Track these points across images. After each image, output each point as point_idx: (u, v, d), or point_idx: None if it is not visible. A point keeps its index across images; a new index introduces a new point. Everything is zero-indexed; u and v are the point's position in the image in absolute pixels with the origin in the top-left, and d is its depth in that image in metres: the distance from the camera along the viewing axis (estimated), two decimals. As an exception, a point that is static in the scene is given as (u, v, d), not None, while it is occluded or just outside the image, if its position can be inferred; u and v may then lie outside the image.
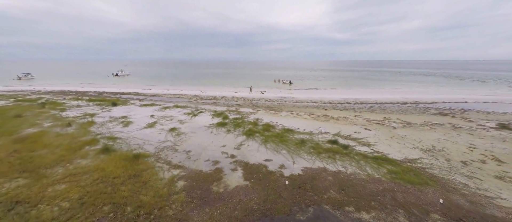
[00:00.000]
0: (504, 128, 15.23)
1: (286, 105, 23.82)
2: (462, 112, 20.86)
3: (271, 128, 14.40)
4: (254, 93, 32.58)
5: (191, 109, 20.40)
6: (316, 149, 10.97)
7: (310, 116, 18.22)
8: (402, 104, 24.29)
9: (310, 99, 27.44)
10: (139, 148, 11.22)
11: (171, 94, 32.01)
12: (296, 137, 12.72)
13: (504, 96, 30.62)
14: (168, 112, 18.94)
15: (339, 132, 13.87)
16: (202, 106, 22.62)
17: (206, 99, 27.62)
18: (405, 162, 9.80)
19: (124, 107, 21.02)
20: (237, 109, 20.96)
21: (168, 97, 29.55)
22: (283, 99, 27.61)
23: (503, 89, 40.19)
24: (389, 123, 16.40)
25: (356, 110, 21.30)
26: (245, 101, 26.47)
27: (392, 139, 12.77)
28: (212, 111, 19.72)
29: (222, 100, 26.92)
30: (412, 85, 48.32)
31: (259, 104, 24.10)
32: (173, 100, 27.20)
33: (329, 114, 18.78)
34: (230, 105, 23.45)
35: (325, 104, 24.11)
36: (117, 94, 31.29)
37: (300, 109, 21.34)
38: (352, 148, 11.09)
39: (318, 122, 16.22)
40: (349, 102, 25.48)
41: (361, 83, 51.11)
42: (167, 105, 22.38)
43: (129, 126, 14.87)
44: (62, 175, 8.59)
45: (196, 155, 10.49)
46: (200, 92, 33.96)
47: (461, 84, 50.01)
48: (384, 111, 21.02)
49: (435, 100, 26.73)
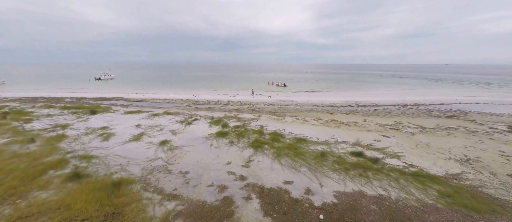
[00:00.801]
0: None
1: (288, 109, 21.95)
2: (464, 114, 20.19)
3: (280, 138, 12.35)
4: (259, 97, 30.38)
5: (184, 116, 17.84)
6: (341, 164, 9.06)
7: (318, 121, 16.43)
8: (404, 106, 23.37)
9: (311, 102, 25.81)
10: (121, 170, 8.67)
11: (160, 99, 28.97)
12: (312, 149, 10.77)
13: (493, 98, 31.05)
14: (157, 121, 16.27)
15: (357, 140, 12.12)
16: (196, 112, 20.09)
17: (200, 104, 25.05)
18: (450, 178, 8.16)
19: (105, 115, 17.96)
20: (236, 115, 18.70)
21: (156, 102, 26.57)
22: (282, 102, 25.74)
23: (481, 90, 41.40)
24: (403, 128, 15.01)
25: (362, 113, 19.90)
26: (243, 105, 24.27)
27: (418, 148, 11.22)
28: (208, 118, 17.31)
29: (218, 105, 24.50)
30: (400, 87, 48.81)
31: (258, 109, 22.01)
32: (163, 105, 24.34)
33: (337, 119, 17.12)
34: (227, 110, 21.12)
35: (328, 108, 22.56)
36: (98, 100, 27.72)
37: (304, 114, 19.54)
38: (382, 162, 9.31)
39: (330, 129, 14.44)
40: (351, 104, 24.17)
41: (353, 85, 50.80)
42: (156, 111, 19.59)
43: (110, 140, 12.11)
44: (6, 220, 5.92)
45: (196, 178, 8.16)
46: (193, 96, 31.20)
47: (442, 86, 51.34)
48: (390, 114, 19.79)
49: (432, 102, 26.23)
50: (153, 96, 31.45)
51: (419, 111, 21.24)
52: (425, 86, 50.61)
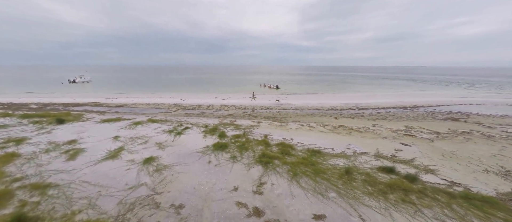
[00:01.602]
0: (531, 134, 13.86)
1: (288, 113, 20.25)
2: (466, 116, 19.84)
3: (290, 150, 10.50)
4: (252, 100, 28.33)
5: (173, 124, 15.40)
6: (373, 185, 7.39)
7: (325, 127, 14.85)
8: (405, 109, 22.74)
9: (310, 105, 24.38)
10: (88, 207, 6.28)
11: (143, 103, 25.94)
12: (331, 164, 9.03)
13: (483, 98, 31.87)
14: (140, 130, 13.69)
15: (377, 151, 10.63)
16: (187, 118, 17.67)
17: (190, 109, 22.54)
18: (506, 200, 6.80)
19: (75, 125, 14.97)
20: (232, 121, 16.59)
21: (139, 107, 23.60)
22: (280, 106, 24.03)
23: (465, 91, 43.04)
24: (417, 133, 13.90)
25: (367, 117, 18.74)
26: (238, 110, 22.17)
27: (447, 159, 9.94)
28: (201, 125, 15.03)
29: (210, 110, 22.17)
30: (389, 88, 49.53)
31: (256, 114, 20.06)
32: (147, 111, 21.52)
33: (345, 124, 15.69)
34: (222, 116, 18.93)
35: (329, 111, 21.21)
36: (70, 106, 24.10)
37: (307, 119, 17.94)
38: (421, 180, 7.79)
39: (341, 137, 12.88)
40: (352, 107, 23.08)
41: (345, 87, 50.72)
42: (138, 119, 16.89)
43: (78, 159, 9.48)
44: None
45: (195, 215, 6.03)
46: (181, 100, 28.47)
47: (427, 87, 52.98)
48: (395, 117, 18.85)
49: (429, 103, 26.05)
50: (135, 100, 28.24)
51: (422, 113, 20.61)
52: (411, 87, 51.83)
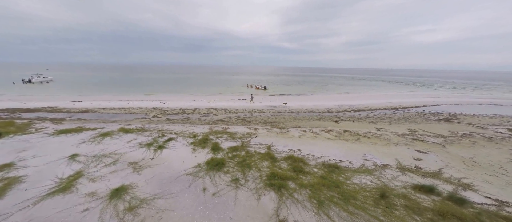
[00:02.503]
0: (524, 135, 13.97)
1: (285, 117, 18.52)
2: (454, 116, 20.12)
3: (302, 165, 8.68)
4: (241, 102, 26.05)
5: (152, 134, 12.64)
6: (418, 212, 5.89)
7: (330, 133, 13.39)
8: (396, 110, 22.57)
9: (304, 107, 22.99)
10: None
11: (115, 108, 22.20)
12: (357, 183, 7.41)
13: (458, 99, 33.74)
14: (109, 144, 10.77)
15: (398, 161, 9.34)
16: (169, 126, 14.92)
17: (172, 114, 19.59)
18: None
19: (17, 139, 11.39)
20: (225, 128, 14.30)
21: (109, 113, 19.97)
22: (273, 108, 22.24)
23: (438, 92, 46.04)
24: (423, 137, 13.13)
25: (367, 120, 17.85)
26: (229, 114, 19.83)
27: (470, 167, 9.00)
28: (188, 135, 12.53)
29: (196, 114, 19.49)
30: (373, 88, 51.00)
31: (250, 118, 17.96)
32: (119, 117, 18.12)
33: (349, 129, 14.41)
34: (211, 122, 16.47)
35: (326, 114, 19.99)
36: (17, 112, 19.46)
37: (305, 123, 16.39)
38: (468, 201, 6.49)
39: (352, 145, 11.46)
40: (347, 109, 22.22)
41: (332, 88, 51.00)
42: (107, 128, 13.73)
43: (8, 195, 6.53)
44: None
45: None
46: (161, 103, 25.13)
47: (404, 87, 55.94)
48: (393, 119, 18.25)
49: (415, 104, 26.49)
50: (104, 104, 24.19)
51: (415, 115, 20.47)
52: (390, 88, 54.05)
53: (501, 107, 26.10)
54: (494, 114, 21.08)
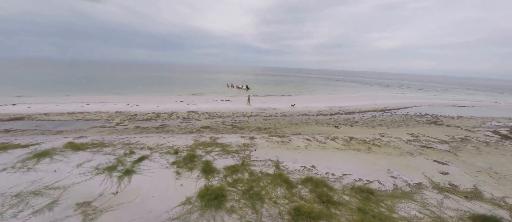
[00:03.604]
0: (509, 139, 14.52)
1: (278, 121, 16.53)
2: (437, 118, 20.79)
3: (327, 191, 6.77)
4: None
5: (115, 151, 9.40)
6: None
7: (336, 141, 11.87)
8: (384, 112, 22.58)
9: (296, 109, 21.38)
10: None
11: (63, 113, 17.50)
12: (404, 216, 5.78)
13: (430, 100, 36.27)
14: (45, 172, 7.35)
15: (427, 177, 8.10)
16: (140, 137, 11.64)
17: (143, 119, 15.99)
18: None
19: None
20: (214, 139, 11.68)
21: (55, 120, 15.47)
22: (263, 111, 20.12)
23: (401, 93, 49.72)
24: (428, 143, 12.54)
25: (364, 124, 16.99)
26: (214, 118, 17.03)
27: (499, 182, 8.24)
28: (166, 150, 9.64)
29: (175, 119, 16.23)
30: (350, 89, 52.65)
31: (240, 123, 15.49)
32: (68, 126, 13.94)
33: (352, 135, 13.13)
34: (194, 130, 13.56)
35: (321, 117, 18.68)
36: None
37: (304, 128, 14.66)
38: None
39: (366, 156, 10.04)
40: (339, 111, 21.35)
41: (314, 88, 51.13)
42: (48, 144, 9.93)
43: None
44: None
45: None
46: (128, 105, 20.90)
47: (377, 89, 59.36)
48: (388, 123, 17.81)
49: (397, 106, 27.20)
50: (49, 107, 19.06)
51: (403, 117, 20.59)
52: (365, 89, 56.62)
53: (465, 108, 28.41)
54: (468, 116, 22.56)
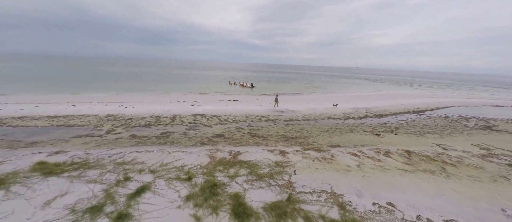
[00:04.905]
0: None
1: (303, 127, 13.89)
2: (486, 122, 18.17)
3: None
4: (254, 106, 20.42)
5: (104, 175, 6.77)
6: None
7: (391, 157, 9.41)
8: (418, 114, 20.14)
9: (317, 111, 18.77)
10: None
11: (42, 116, 14.70)
12: None
13: (465, 99, 33.63)
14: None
15: None
16: (138, 152, 9.00)
17: (140, 125, 13.27)
18: None
19: None
20: (234, 153, 9.10)
21: (30, 126, 12.68)
22: (280, 114, 17.50)
23: (419, 90, 47.15)
24: (505, 157, 10.17)
25: (405, 129, 14.53)
26: (227, 123, 14.34)
27: None
28: (175, 173, 7.07)
29: (179, 125, 13.54)
30: (362, 86, 49.49)
31: (259, 131, 12.82)
32: (45, 135, 11.18)
33: (411, 149, 10.67)
34: (206, 139, 10.91)
35: (350, 121, 16.16)
36: None
37: (340, 138, 12.12)
38: None
39: (447, 183, 7.60)
40: (368, 114, 18.83)
41: (322, 86, 48.58)
42: (7, 164, 7.24)
43: None
44: None
45: None
46: (122, 106, 18.10)
47: (389, 86, 56.68)
48: (436, 129, 15.30)
49: (428, 106, 24.66)
50: (26, 109, 16.19)
51: (446, 120, 18.04)
52: (379, 87, 52.70)
53: (504, 109, 25.93)
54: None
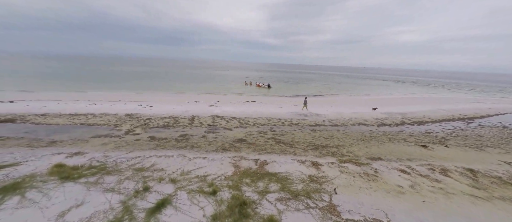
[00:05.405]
0: None
1: (334, 135, 12.41)
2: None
3: None
4: (273, 108, 19.43)
5: (121, 183, 6.02)
6: None
7: (452, 177, 7.79)
8: (465, 122, 17.64)
9: (345, 116, 17.08)
10: None
11: (63, 114, 14.74)
12: None
13: (506, 105, 29.80)
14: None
15: None
16: (157, 157, 8.25)
17: (159, 126, 12.71)
18: None
19: None
20: (260, 163, 8.02)
21: (52, 124, 12.61)
22: (304, 118, 16.17)
23: (456, 94, 41.93)
24: None
25: (463, 142, 12.41)
26: (248, 126, 13.31)
27: None
28: (197, 185, 6.15)
29: (198, 127, 12.79)
30: (392, 89, 45.50)
31: (284, 137, 11.60)
32: (65, 133, 10.92)
33: (473, 167, 8.90)
34: (227, 144, 9.96)
35: (385, 128, 14.44)
36: None
37: (379, 149, 10.57)
38: None
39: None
40: (405, 120, 16.84)
41: (343, 87, 46.10)
42: (26, 166, 6.76)
43: None
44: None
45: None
46: (140, 106, 17.89)
47: (418, 88, 51.77)
48: (492, 141, 13.04)
49: (475, 112, 21.45)
50: (49, 106, 16.42)
51: (504, 130, 15.41)
52: (408, 89, 48.28)
53: None
54: None
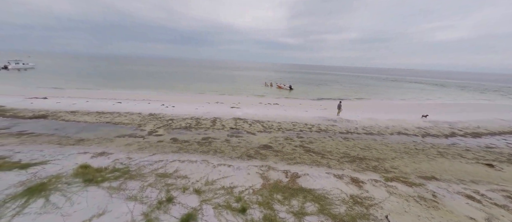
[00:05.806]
0: None
1: (371, 145, 11.14)
2: None
3: None
4: (299, 112, 18.65)
5: (144, 190, 5.61)
6: None
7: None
8: (527, 135, 15.12)
9: (380, 123, 15.46)
10: None
11: (91, 112, 15.29)
12: None
13: None
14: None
15: None
16: (179, 161, 7.81)
17: (181, 127, 12.48)
18: None
19: None
20: (293, 177, 7.14)
21: (80, 121, 13.03)
22: (333, 124, 14.89)
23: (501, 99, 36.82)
24: None
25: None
26: (272, 131, 12.52)
27: None
28: (224, 198, 5.50)
29: (220, 130, 12.29)
30: (429, 94, 41.12)
31: (312, 145, 10.65)
32: (92, 131, 11.13)
33: None
34: (252, 151, 9.25)
35: (431, 140, 12.67)
36: None
37: (433, 166, 9.12)
38: None
39: None
40: (454, 131, 14.70)
41: (370, 91, 43.21)
42: (54, 165, 6.72)
43: None
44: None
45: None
46: (162, 105, 18.10)
47: (456, 92, 46.43)
48: None
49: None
50: (78, 104, 17.23)
51: None
52: (450, 93, 43.26)
53: None
54: None
